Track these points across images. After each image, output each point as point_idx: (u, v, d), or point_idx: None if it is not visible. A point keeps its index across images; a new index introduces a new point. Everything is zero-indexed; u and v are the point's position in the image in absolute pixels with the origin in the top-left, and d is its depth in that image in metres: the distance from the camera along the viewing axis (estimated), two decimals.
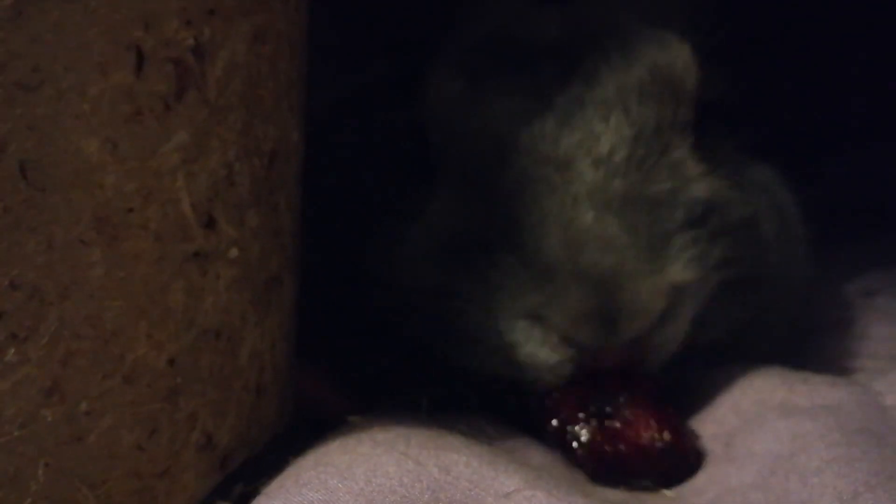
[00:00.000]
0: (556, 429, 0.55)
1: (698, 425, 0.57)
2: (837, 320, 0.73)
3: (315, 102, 0.55)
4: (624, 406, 0.54)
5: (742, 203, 0.60)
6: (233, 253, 0.46)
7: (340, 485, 0.45)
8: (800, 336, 0.69)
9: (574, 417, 0.55)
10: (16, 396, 0.39)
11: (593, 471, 0.54)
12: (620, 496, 0.53)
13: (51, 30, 0.38)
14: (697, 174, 0.58)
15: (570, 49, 0.59)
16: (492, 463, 0.49)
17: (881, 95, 0.89)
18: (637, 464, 0.53)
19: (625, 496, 0.53)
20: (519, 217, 0.55)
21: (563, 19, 0.62)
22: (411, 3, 0.65)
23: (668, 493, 0.53)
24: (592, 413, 0.54)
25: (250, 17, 0.45)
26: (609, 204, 0.53)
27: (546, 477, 0.50)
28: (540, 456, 0.56)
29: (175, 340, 0.44)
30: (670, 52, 0.59)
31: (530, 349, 0.55)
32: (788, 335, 0.66)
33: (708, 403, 0.58)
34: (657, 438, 0.54)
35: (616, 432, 0.54)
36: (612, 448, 0.53)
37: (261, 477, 0.48)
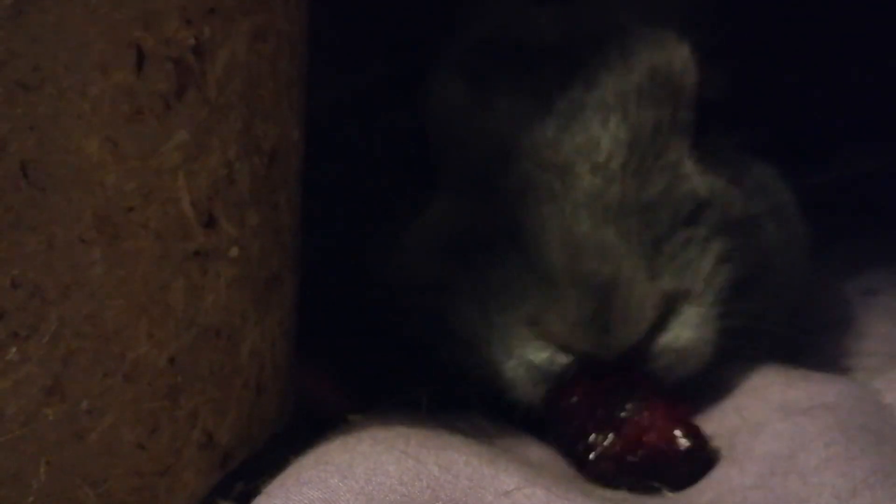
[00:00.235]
0: (570, 438, 0.55)
1: (699, 423, 0.56)
2: (838, 319, 0.73)
3: (315, 102, 0.55)
4: (637, 412, 0.54)
5: (741, 202, 0.59)
6: (233, 252, 0.46)
7: (341, 483, 0.45)
8: (800, 334, 0.68)
9: (588, 427, 0.54)
10: (17, 395, 0.39)
11: (610, 478, 0.53)
12: (620, 494, 0.52)
13: (51, 29, 0.38)
14: (694, 173, 0.58)
15: (570, 50, 0.58)
16: (492, 461, 0.49)
17: (882, 94, 0.89)
18: (655, 468, 0.53)
19: (624, 495, 0.53)
20: (519, 221, 0.55)
21: (563, 20, 0.61)
22: (412, 4, 0.65)
23: (669, 493, 0.53)
24: (606, 421, 0.54)
25: (250, 16, 0.45)
26: (607, 211, 0.53)
27: (545, 475, 0.50)
28: (540, 453, 0.56)
29: (175, 339, 0.44)
30: (669, 53, 0.59)
31: (527, 353, 0.55)
32: (789, 334, 0.65)
33: (709, 403, 0.58)
34: (675, 442, 0.53)
35: (633, 439, 0.53)
36: (631, 455, 0.53)
37: (261, 475, 0.48)
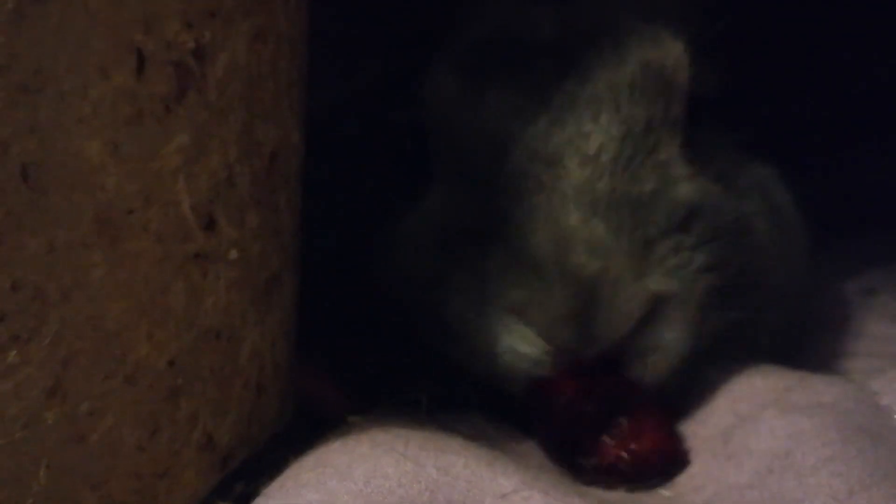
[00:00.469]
0: (555, 438, 0.56)
1: (696, 422, 0.57)
2: (836, 319, 0.74)
3: (316, 102, 0.55)
4: (624, 418, 0.54)
5: (733, 205, 0.59)
6: (233, 253, 0.47)
7: (339, 486, 0.45)
8: (798, 335, 0.69)
9: (575, 431, 0.54)
10: (18, 397, 0.39)
11: (598, 483, 0.54)
12: (617, 497, 0.53)
13: (52, 32, 0.38)
14: (684, 175, 0.58)
15: (565, 47, 0.59)
16: (490, 464, 0.49)
17: (881, 92, 0.89)
18: (640, 475, 0.54)
19: (621, 497, 0.53)
20: (509, 212, 0.55)
21: (559, 17, 0.61)
22: (410, 3, 0.65)
23: (665, 493, 0.53)
24: (595, 426, 0.54)
25: (250, 18, 0.45)
26: (595, 205, 0.53)
27: (544, 478, 0.50)
28: (539, 456, 0.56)
29: (176, 341, 0.44)
30: (663, 49, 0.59)
31: (510, 343, 0.55)
32: (786, 334, 0.65)
33: (705, 401, 0.58)
34: (662, 451, 0.54)
35: (622, 446, 0.54)
36: (619, 461, 0.54)
37: (261, 476, 0.48)
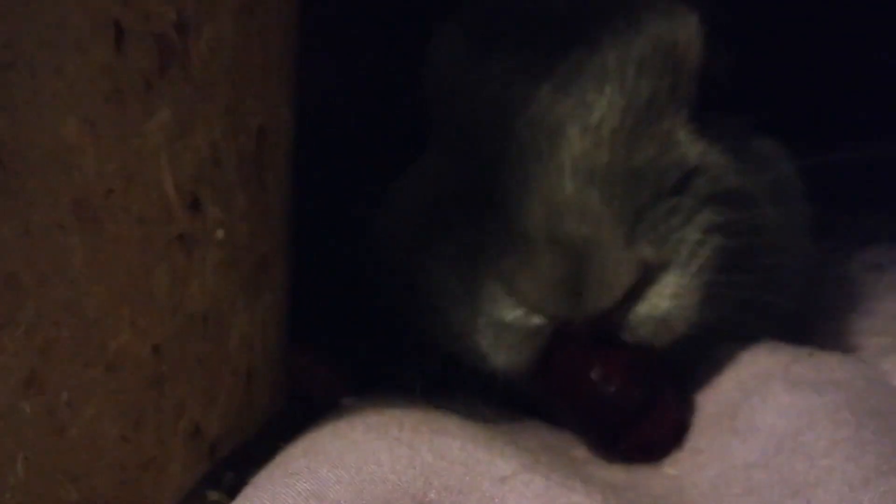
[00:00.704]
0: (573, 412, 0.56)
1: (702, 397, 0.57)
2: (843, 296, 0.73)
3: (313, 80, 0.55)
4: (648, 393, 0.55)
5: (735, 172, 0.59)
6: (219, 235, 0.46)
7: (331, 474, 0.44)
8: (804, 313, 0.68)
9: (599, 407, 0.54)
10: None
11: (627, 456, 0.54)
12: (621, 478, 0.52)
13: (24, 4, 0.37)
14: (685, 140, 0.57)
15: (577, 18, 0.58)
16: (487, 446, 0.48)
17: (889, 69, 0.88)
18: (660, 445, 0.55)
19: (625, 477, 0.52)
20: (503, 179, 0.55)
21: None
22: None
23: (671, 471, 0.53)
24: (621, 401, 0.54)
25: None
26: (593, 175, 0.53)
27: (544, 460, 0.49)
28: (537, 438, 0.55)
29: (160, 327, 0.43)
30: (676, 24, 0.59)
31: (497, 312, 0.54)
32: (792, 312, 0.65)
33: (712, 376, 0.58)
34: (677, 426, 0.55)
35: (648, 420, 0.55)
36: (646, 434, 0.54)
37: (252, 465, 0.47)
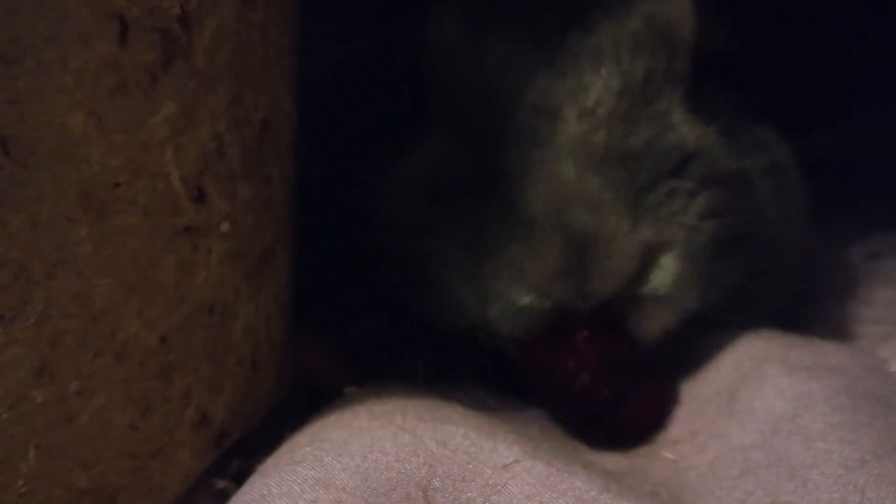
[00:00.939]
0: (558, 398, 0.56)
1: (699, 379, 0.57)
2: (841, 284, 0.73)
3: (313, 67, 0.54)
4: (629, 384, 0.55)
5: (732, 155, 0.59)
6: (224, 226, 0.46)
7: (336, 461, 0.44)
8: (801, 300, 0.68)
9: (581, 394, 0.55)
10: (4, 378, 0.38)
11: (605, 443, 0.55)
12: (621, 464, 0.52)
13: (30, 0, 0.36)
14: (682, 122, 0.57)
15: None
16: (490, 434, 0.48)
17: (887, 56, 0.88)
18: (639, 431, 0.55)
19: (625, 464, 0.53)
20: (504, 164, 0.55)
21: None
22: None
23: (668, 455, 0.53)
24: (598, 388, 0.54)
25: None
26: (591, 159, 0.53)
27: (545, 447, 0.49)
28: (539, 426, 0.55)
29: (167, 317, 0.43)
30: (668, 2, 0.58)
31: (510, 295, 0.54)
32: (789, 300, 0.65)
33: (710, 360, 0.58)
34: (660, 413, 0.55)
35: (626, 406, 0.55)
36: (623, 420, 0.55)
37: (258, 453, 0.48)
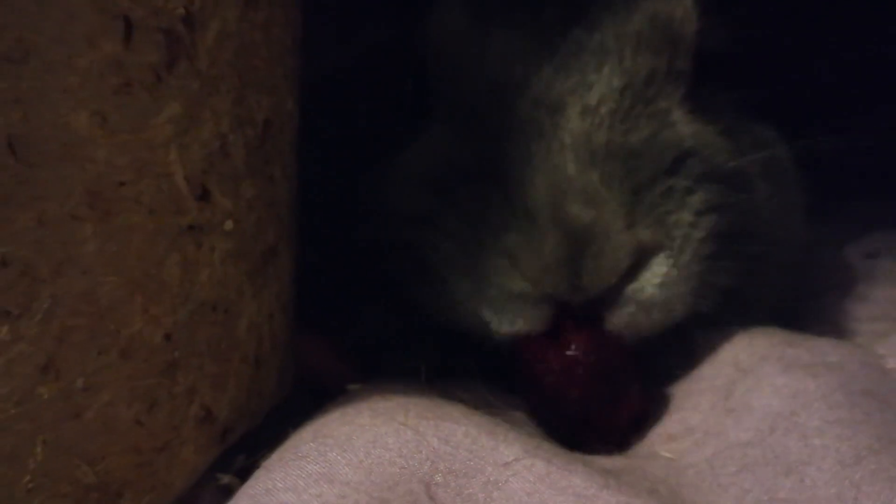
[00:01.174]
0: (542, 402, 0.56)
1: (697, 376, 0.57)
2: (839, 282, 0.73)
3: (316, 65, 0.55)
4: (614, 385, 0.55)
5: (729, 154, 0.59)
6: (228, 225, 0.46)
7: (340, 457, 0.45)
8: (800, 298, 0.68)
9: (567, 397, 0.55)
10: (10, 374, 0.39)
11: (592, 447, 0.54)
12: (620, 463, 0.53)
13: (35, 1, 0.37)
14: (680, 119, 0.57)
15: None
16: (492, 432, 0.49)
17: (888, 56, 0.88)
18: (622, 435, 0.55)
19: (624, 462, 0.53)
20: (506, 156, 0.55)
21: None
22: None
23: (665, 454, 0.53)
24: (584, 392, 0.55)
25: None
26: (593, 155, 0.53)
27: (546, 445, 0.50)
28: None
29: (171, 314, 0.44)
30: (672, 1, 0.59)
31: (506, 283, 0.55)
32: (787, 297, 0.65)
33: (707, 357, 0.58)
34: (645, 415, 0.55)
35: (612, 413, 0.55)
36: (607, 425, 0.55)
37: (262, 449, 0.48)
